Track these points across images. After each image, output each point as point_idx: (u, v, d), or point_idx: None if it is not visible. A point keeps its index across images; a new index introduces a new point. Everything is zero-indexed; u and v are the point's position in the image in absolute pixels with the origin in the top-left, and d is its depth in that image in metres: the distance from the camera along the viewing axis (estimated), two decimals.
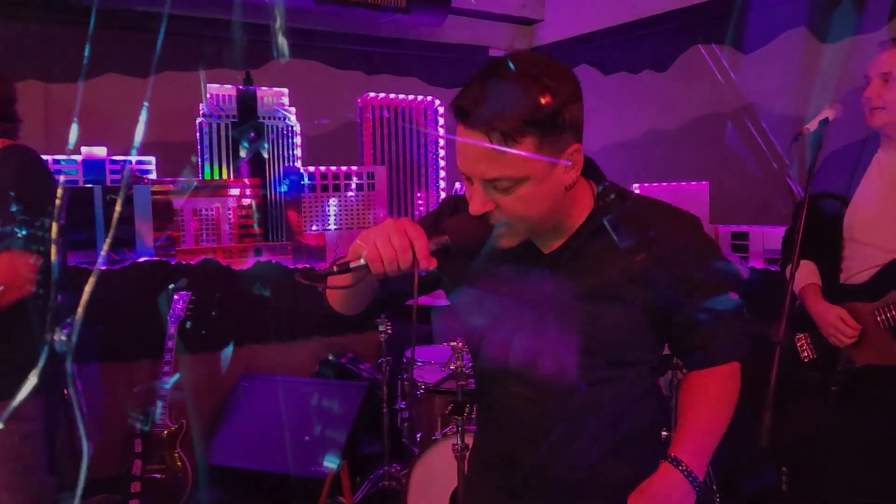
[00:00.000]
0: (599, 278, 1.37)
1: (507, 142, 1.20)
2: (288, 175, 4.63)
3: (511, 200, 1.26)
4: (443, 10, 4.39)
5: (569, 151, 1.27)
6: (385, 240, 1.21)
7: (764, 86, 3.92)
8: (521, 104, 1.20)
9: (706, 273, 1.41)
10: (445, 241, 1.28)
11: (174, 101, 4.24)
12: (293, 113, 4.57)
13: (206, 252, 4.27)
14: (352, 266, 1.23)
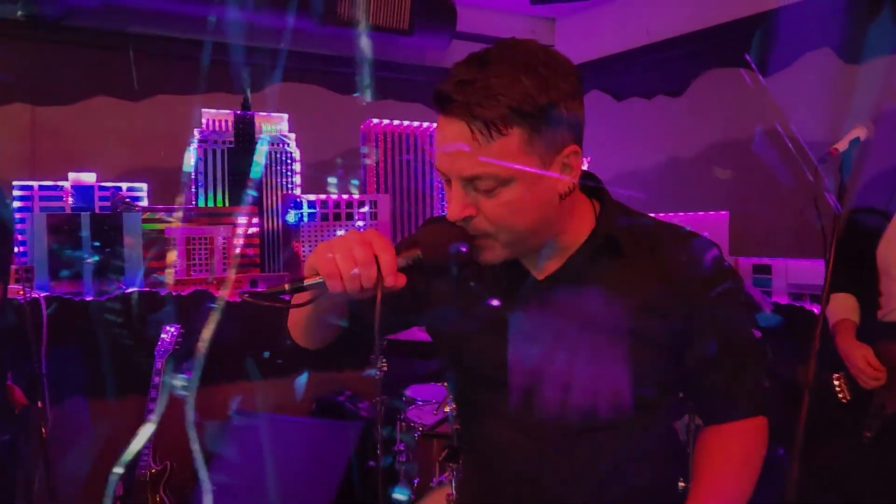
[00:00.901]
0: (603, 308, 1.17)
1: (491, 132, 1.03)
2: (288, 204, 4.46)
3: (494, 205, 1.08)
4: (447, 33, 4.24)
5: (565, 153, 1.10)
6: (346, 253, 1.02)
7: (785, 110, 3.71)
8: (509, 90, 1.02)
9: (727, 307, 1.21)
10: (417, 255, 1.09)
11: (167, 126, 4.10)
12: (293, 139, 4.41)
13: (198, 283, 4.09)
14: (306, 284, 1.05)
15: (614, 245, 1.19)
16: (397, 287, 1.05)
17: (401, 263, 1.07)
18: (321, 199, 4.46)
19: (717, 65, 4.01)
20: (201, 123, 4.19)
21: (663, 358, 1.19)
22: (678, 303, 1.17)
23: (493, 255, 1.14)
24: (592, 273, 1.20)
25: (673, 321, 1.18)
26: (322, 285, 1.04)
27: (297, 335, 1.30)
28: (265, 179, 4.38)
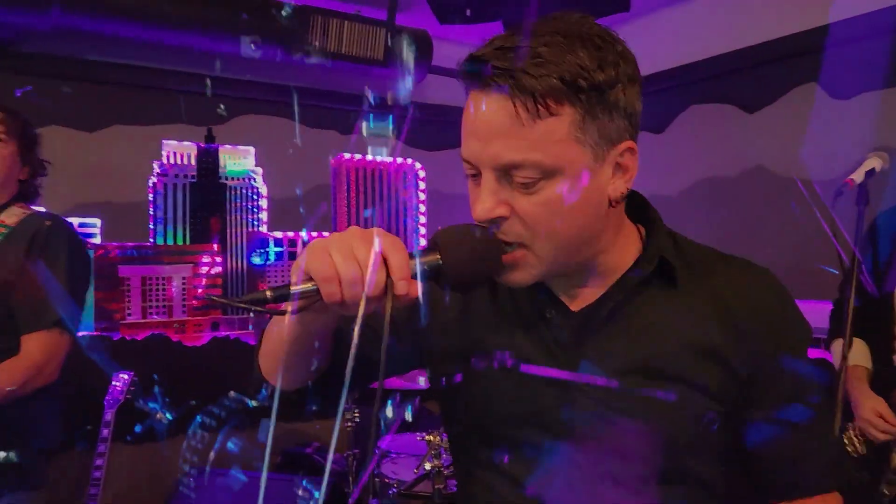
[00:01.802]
0: (652, 349, 0.96)
1: (539, 110, 0.84)
2: (254, 242, 4.21)
3: (533, 204, 0.88)
4: (423, 65, 4.09)
5: (620, 148, 0.91)
6: (346, 252, 0.80)
7: (772, 145, 3.62)
8: (562, 60, 0.84)
9: (798, 359, 1.00)
10: (436, 262, 0.86)
11: (124, 158, 3.84)
12: (259, 174, 4.19)
13: (154, 326, 3.80)
14: (293, 290, 0.81)
15: (668, 273, 0.98)
16: (411, 297, 0.83)
17: (416, 270, 0.85)
18: (288, 236, 4.22)
19: (700, 100, 3.92)
20: (161, 156, 3.94)
21: (718, 414, 0.97)
22: (742, 349, 0.96)
23: (525, 273, 0.93)
24: (637, 306, 0.98)
25: (735, 370, 0.97)
26: (314, 293, 0.81)
27: (269, 369, 1.04)
28: (229, 216, 4.13)
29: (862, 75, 3.25)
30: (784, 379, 0.99)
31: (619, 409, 0.95)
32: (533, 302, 1.01)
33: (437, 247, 0.88)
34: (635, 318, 0.98)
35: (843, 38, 3.25)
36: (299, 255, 0.84)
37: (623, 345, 0.97)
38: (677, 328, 0.97)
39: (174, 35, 3.45)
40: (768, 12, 3.57)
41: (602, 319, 0.98)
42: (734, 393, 0.97)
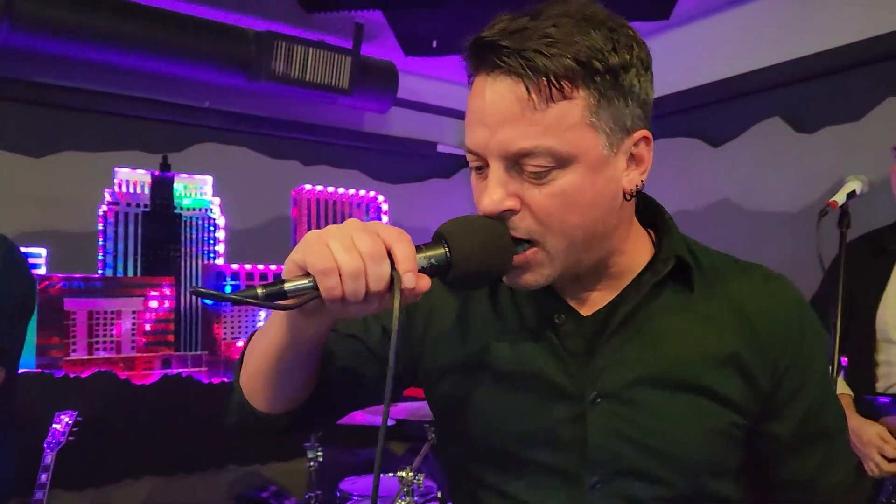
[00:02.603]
0: (670, 357, 0.88)
1: (552, 92, 0.78)
2: (210, 276, 4.04)
3: (545, 196, 0.81)
4: (388, 96, 4.03)
5: (634, 137, 0.85)
6: (347, 243, 0.71)
7: (737, 178, 3.64)
8: (575, 41, 0.78)
9: (820, 375, 0.95)
10: (444, 255, 0.78)
11: (73, 185, 3.66)
12: (216, 204, 4.04)
13: (100, 363, 3.58)
14: (288, 287, 0.72)
15: (684, 276, 0.91)
16: (419, 292, 0.74)
17: (421, 263, 0.76)
18: (246, 269, 4.07)
19: (666, 135, 3.93)
20: (113, 184, 3.77)
21: (738, 427, 0.90)
22: (764, 361, 0.90)
23: (537, 275, 0.85)
24: (654, 311, 0.91)
25: (758, 381, 0.90)
26: (310, 290, 0.72)
27: (252, 390, 0.92)
28: (184, 248, 3.96)
29: (826, 109, 3.30)
30: (806, 392, 0.93)
31: (637, 423, 0.88)
32: (539, 308, 0.93)
33: (444, 239, 0.79)
34: (651, 324, 0.90)
35: (807, 73, 3.31)
36: (295, 249, 0.74)
37: (639, 353, 0.89)
38: (696, 335, 0.90)
39: (130, 58, 3.33)
40: (732, 48, 3.63)
41: (616, 325, 0.89)
42: (756, 406, 0.91)
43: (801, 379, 0.92)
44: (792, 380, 0.92)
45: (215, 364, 3.98)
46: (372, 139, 4.58)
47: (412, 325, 0.99)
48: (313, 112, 4.25)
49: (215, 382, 3.86)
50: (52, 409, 3.05)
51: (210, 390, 3.79)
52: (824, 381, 0.97)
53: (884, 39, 3.03)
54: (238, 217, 4.16)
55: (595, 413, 0.88)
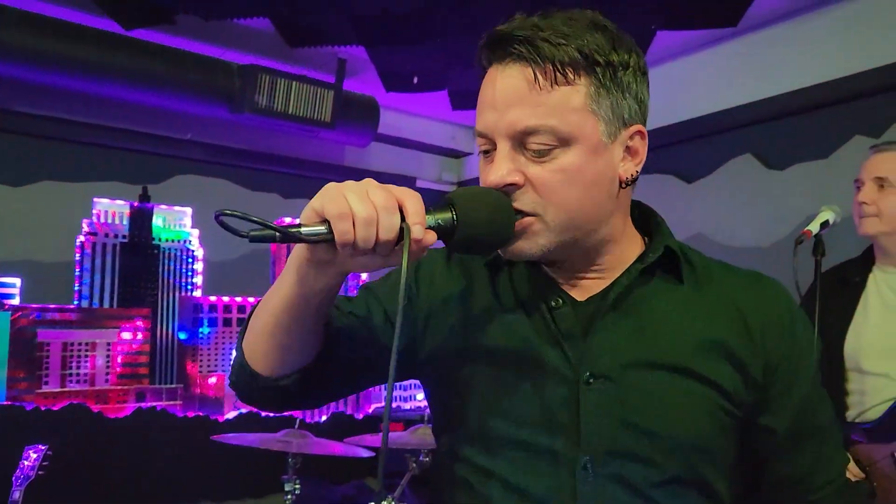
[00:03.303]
0: (663, 342, 0.93)
1: (557, 77, 0.87)
2: (187, 308, 4.01)
3: (547, 171, 0.89)
4: (370, 130, 4.08)
5: (630, 130, 0.93)
6: (362, 194, 0.78)
7: (710, 214, 3.72)
8: (579, 35, 0.88)
9: (811, 369, 1.00)
10: (451, 218, 0.84)
11: (52, 215, 3.64)
12: (195, 235, 4.03)
13: (73, 396, 3.51)
14: (304, 231, 0.78)
15: (673, 265, 0.97)
16: (425, 244, 0.80)
17: (429, 223, 0.82)
18: (224, 301, 4.04)
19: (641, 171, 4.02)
20: (91, 214, 3.75)
21: (729, 413, 0.94)
22: (756, 352, 0.95)
23: (535, 244, 0.91)
24: (645, 296, 0.96)
25: (750, 372, 0.94)
26: (326, 236, 0.77)
27: (256, 349, 0.95)
28: (161, 280, 3.94)
29: (796, 147, 3.40)
30: (800, 387, 0.98)
31: (629, 403, 0.91)
32: (537, 293, 0.97)
33: (452, 204, 0.85)
34: (643, 308, 0.96)
35: (778, 112, 3.42)
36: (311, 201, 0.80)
37: (632, 336, 0.94)
38: (686, 321, 0.95)
39: (114, 89, 3.34)
40: (705, 87, 3.74)
41: (608, 306, 0.94)
42: (748, 397, 0.95)
43: (794, 373, 0.97)
44: (786, 374, 0.96)
45: (190, 398, 3.92)
46: (352, 173, 4.61)
47: (415, 313, 1.03)
48: (294, 146, 4.29)
49: (190, 416, 3.80)
50: (22, 442, 2.98)
51: (184, 424, 3.73)
52: (816, 380, 1.02)
53: (850, 80, 3.15)
54: (217, 249, 4.15)
55: (588, 393, 0.92)
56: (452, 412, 1.01)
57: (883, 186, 2.15)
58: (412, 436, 2.61)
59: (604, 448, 0.91)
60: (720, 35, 3.55)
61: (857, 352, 2.21)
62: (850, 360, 2.22)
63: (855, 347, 2.21)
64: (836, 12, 3.22)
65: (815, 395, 1.01)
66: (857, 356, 2.21)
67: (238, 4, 3.11)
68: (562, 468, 0.91)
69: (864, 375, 2.19)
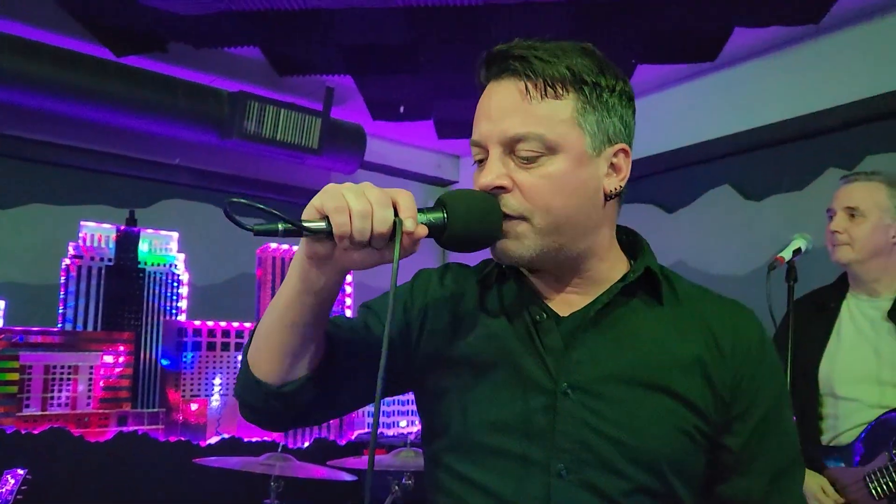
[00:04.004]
0: (639, 358, 0.97)
1: (546, 91, 0.94)
2: (171, 333, 4.00)
3: (533, 178, 0.95)
4: (356, 157, 4.14)
5: (615, 148, 0.99)
6: (358, 192, 0.85)
7: (690, 242, 3.79)
8: (570, 57, 0.96)
9: (779, 396, 1.03)
10: (441, 218, 0.91)
11: (38, 237, 3.65)
12: (181, 260, 4.04)
13: (54, 419, 3.49)
14: (305, 224, 0.84)
15: (653, 286, 1.02)
16: (417, 237, 0.87)
17: (420, 220, 0.88)
18: (208, 326, 4.04)
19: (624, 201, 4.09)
20: (78, 237, 3.77)
21: (699, 431, 0.97)
22: (724, 370, 0.99)
23: (521, 245, 0.96)
24: (625, 314, 1.00)
25: (718, 390, 0.98)
26: (324, 232, 0.84)
27: (260, 356, 0.98)
28: (146, 304, 3.94)
29: (772, 179, 3.49)
30: (758, 409, 1.00)
31: (605, 416, 0.95)
32: (523, 308, 1.02)
33: (443, 204, 0.92)
34: (621, 325, 0.99)
35: (755, 144, 3.51)
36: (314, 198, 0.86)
37: (611, 350, 0.98)
38: (664, 339, 0.99)
39: (105, 114, 3.38)
40: (685, 120, 3.83)
41: (589, 322, 0.98)
42: (717, 416, 0.98)
43: (753, 396, 0.99)
44: (746, 393, 0.99)
45: (172, 424, 3.90)
46: None
47: (411, 325, 1.07)
48: (281, 172, 4.33)
49: (172, 441, 3.78)
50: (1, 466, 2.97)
51: (167, 448, 3.71)
52: (779, 412, 1.03)
53: (824, 114, 3.25)
54: (202, 274, 4.16)
55: (565, 403, 0.95)
56: (436, 420, 1.05)
57: (854, 216, 2.21)
58: (395, 458, 2.62)
59: (577, 456, 0.94)
60: (699, 69, 3.65)
61: (830, 377, 2.25)
62: (824, 385, 2.27)
63: (828, 373, 2.26)
64: (810, 49, 3.34)
65: (775, 423, 1.02)
66: (831, 381, 2.25)
67: (229, 33, 3.17)
68: (538, 475, 0.95)
69: (837, 400, 2.24)
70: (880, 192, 2.19)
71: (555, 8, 2.87)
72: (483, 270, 1.09)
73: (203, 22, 3.02)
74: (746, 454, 1.00)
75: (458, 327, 1.04)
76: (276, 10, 2.89)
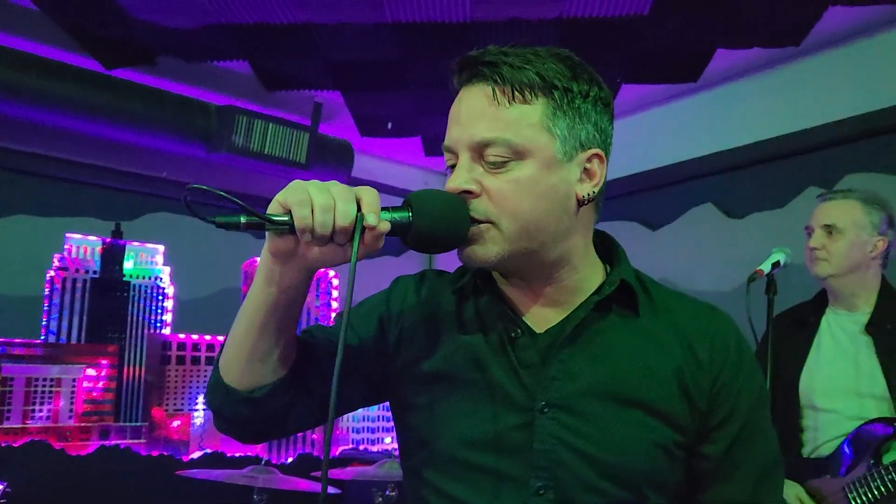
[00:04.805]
0: (615, 373, 0.96)
1: (514, 95, 0.94)
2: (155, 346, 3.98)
3: (502, 182, 0.94)
4: (344, 172, 4.15)
5: (588, 153, 0.97)
6: (322, 187, 0.85)
7: (674, 259, 3.83)
8: (543, 63, 0.95)
9: (758, 406, 1.02)
10: (406, 216, 0.90)
11: (23, 249, 3.63)
12: (166, 273, 4.03)
13: (35, 432, 3.45)
14: (269, 216, 0.85)
15: (629, 297, 1.00)
16: (379, 233, 0.86)
17: (385, 217, 0.88)
18: (193, 339, 4.03)
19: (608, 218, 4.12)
20: (63, 249, 3.75)
21: (677, 444, 0.97)
22: (702, 381, 0.98)
23: (489, 250, 0.95)
24: (601, 329, 0.99)
25: (694, 400, 0.98)
26: (286, 225, 0.84)
27: (230, 361, 0.98)
28: (130, 316, 3.92)
29: (754, 197, 3.54)
30: (738, 416, 0.99)
31: (581, 432, 0.95)
32: (500, 323, 1.01)
33: (409, 203, 0.92)
34: (597, 341, 0.98)
35: (737, 163, 3.57)
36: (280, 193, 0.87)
37: (586, 367, 0.97)
38: (641, 353, 0.98)
39: (92, 126, 3.37)
40: (668, 139, 3.88)
41: (564, 338, 0.98)
42: (694, 426, 0.98)
43: (734, 402, 0.99)
44: (726, 401, 0.98)
45: (155, 439, 3.87)
46: None
47: (388, 334, 1.06)
48: (268, 186, 4.32)
49: (154, 455, 3.75)
50: None
51: (149, 463, 3.68)
52: (759, 414, 1.02)
53: (804, 134, 3.31)
54: (187, 287, 4.14)
55: (542, 421, 0.95)
56: (414, 435, 1.04)
57: (831, 233, 2.26)
58: (378, 469, 2.62)
59: (555, 473, 0.94)
60: (682, 90, 3.71)
61: (810, 389, 2.29)
62: (804, 398, 2.30)
63: (809, 385, 2.29)
64: (790, 71, 3.40)
65: (755, 429, 1.01)
66: (811, 394, 2.29)
67: (218, 47, 3.20)
68: (515, 492, 0.95)
69: (817, 412, 2.27)
70: (856, 209, 2.24)
71: (541, 26, 2.92)
72: (460, 280, 1.07)
73: (192, 36, 3.05)
74: (729, 460, 0.99)
75: (434, 340, 1.04)
76: (264, 24, 2.93)
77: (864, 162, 3.13)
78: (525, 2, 2.76)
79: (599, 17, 2.86)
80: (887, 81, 3.06)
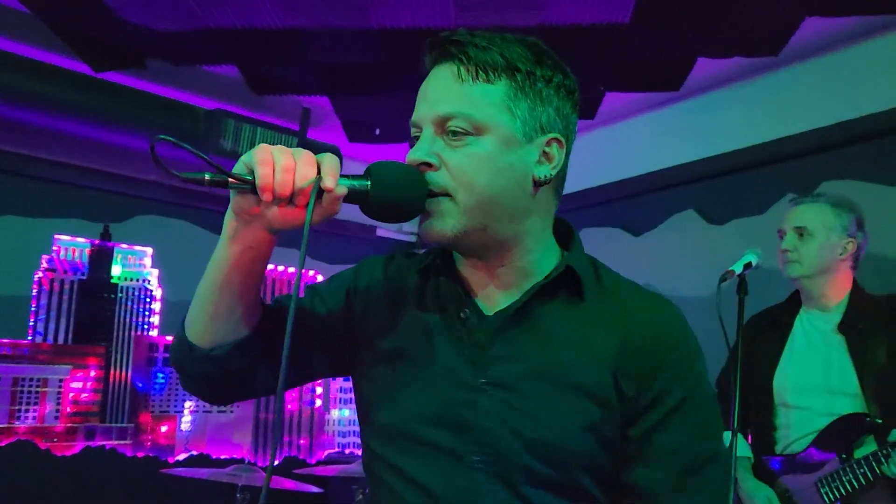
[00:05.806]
0: (555, 356, 1.00)
1: (478, 74, 0.98)
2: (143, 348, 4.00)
3: (460, 156, 0.98)
4: None
5: (548, 138, 1.02)
6: (285, 150, 0.89)
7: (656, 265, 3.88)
8: (509, 47, 1.00)
9: (688, 388, 1.02)
10: (365, 185, 0.94)
11: (11, 250, 3.65)
12: (154, 275, 4.06)
13: (20, 432, 3.47)
14: (232, 174, 0.88)
15: (574, 283, 1.03)
16: (336, 196, 0.90)
17: (344, 183, 0.91)
18: None
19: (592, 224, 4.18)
20: (51, 251, 3.77)
21: (609, 427, 0.99)
22: (634, 365, 1.00)
23: (445, 224, 0.98)
24: (547, 313, 1.03)
25: (629, 384, 1.00)
26: (248, 184, 0.87)
27: (194, 318, 1.02)
28: (118, 318, 3.94)
29: (734, 203, 3.60)
30: (668, 401, 1.00)
31: (520, 411, 0.98)
32: (455, 304, 1.05)
33: (369, 173, 0.95)
34: (541, 324, 1.02)
35: (717, 170, 3.63)
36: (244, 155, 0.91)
37: (530, 348, 1.01)
38: (579, 337, 1.01)
39: (81, 128, 3.41)
40: (651, 147, 3.94)
41: (509, 318, 1.02)
42: (625, 410, 0.99)
43: (663, 387, 0.99)
44: (654, 385, 0.99)
45: (141, 441, 3.88)
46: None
47: (353, 311, 1.10)
48: None
49: (140, 456, 3.76)
50: None
51: (134, 464, 3.69)
52: (695, 407, 1.01)
53: (783, 142, 3.37)
54: (175, 289, 4.16)
55: (484, 399, 0.99)
56: (369, 408, 1.09)
57: (802, 235, 2.32)
58: (359, 466, 2.65)
59: (493, 449, 0.98)
60: (664, 98, 3.77)
61: (783, 387, 2.34)
62: (777, 396, 2.35)
63: (782, 383, 2.34)
64: (769, 79, 3.47)
65: (686, 421, 1.00)
66: (783, 391, 2.33)
67: (207, 51, 3.24)
68: (460, 467, 0.99)
69: (789, 409, 2.31)
70: (826, 212, 2.30)
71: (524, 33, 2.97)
72: (424, 261, 1.11)
73: (181, 39, 3.09)
74: (650, 445, 0.99)
75: (395, 317, 1.08)
76: (253, 28, 2.97)
77: (842, 169, 3.19)
78: (508, 9, 2.81)
79: (582, 24, 2.91)
80: (863, 90, 3.13)
